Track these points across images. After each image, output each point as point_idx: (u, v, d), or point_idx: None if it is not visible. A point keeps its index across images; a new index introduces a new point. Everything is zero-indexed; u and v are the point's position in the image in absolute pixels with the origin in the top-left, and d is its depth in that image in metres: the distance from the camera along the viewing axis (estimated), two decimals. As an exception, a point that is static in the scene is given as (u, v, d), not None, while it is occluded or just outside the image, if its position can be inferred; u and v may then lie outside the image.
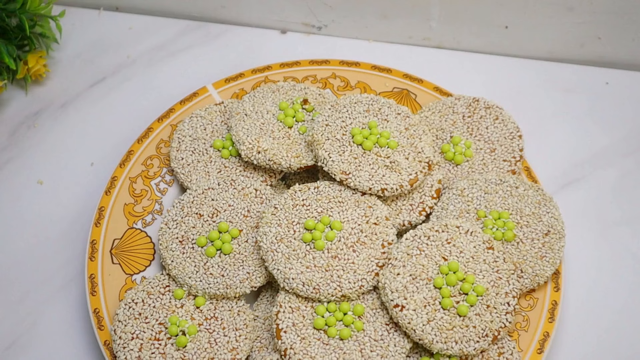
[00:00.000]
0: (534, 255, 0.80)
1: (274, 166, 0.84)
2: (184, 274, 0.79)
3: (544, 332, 0.78)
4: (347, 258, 0.78)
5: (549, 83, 1.01)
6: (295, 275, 0.77)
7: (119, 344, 0.76)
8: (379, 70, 0.95)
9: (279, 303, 0.77)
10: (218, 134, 0.89)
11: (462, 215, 0.82)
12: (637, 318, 0.83)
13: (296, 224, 0.80)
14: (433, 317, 0.75)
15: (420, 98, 0.93)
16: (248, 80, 0.95)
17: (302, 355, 0.74)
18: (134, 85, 1.01)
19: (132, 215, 0.85)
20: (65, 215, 0.90)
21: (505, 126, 0.89)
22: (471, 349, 0.74)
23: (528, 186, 0.84)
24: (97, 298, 0.80)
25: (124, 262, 0.83)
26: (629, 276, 0.86)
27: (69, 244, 0.88)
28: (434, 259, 0.77)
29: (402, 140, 0.85)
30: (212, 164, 0.87)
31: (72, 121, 0.98)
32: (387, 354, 0.74)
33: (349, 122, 0.85)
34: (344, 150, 0.83)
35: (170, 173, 0.89)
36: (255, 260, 0.80)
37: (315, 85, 0.95)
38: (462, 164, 0.87)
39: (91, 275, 0.81)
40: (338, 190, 0.82)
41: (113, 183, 0.87)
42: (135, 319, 0.78)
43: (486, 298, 0.76)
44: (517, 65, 1.02)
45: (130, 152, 0.89)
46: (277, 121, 0.88)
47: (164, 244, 0.81)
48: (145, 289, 0.80)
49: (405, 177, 0.82)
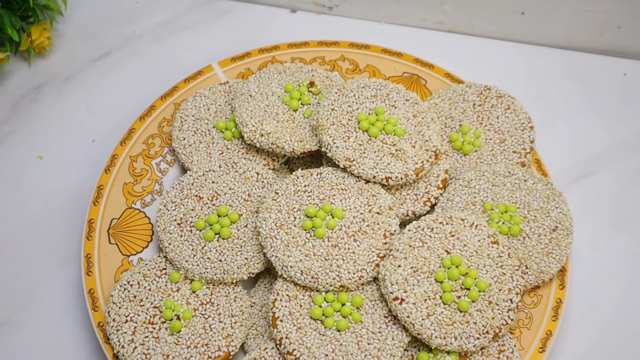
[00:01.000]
0: (540, 252, 0.78)
1: (276, 150, 0.82)
2: (181, 257, 0.78)
3: (546, 330, 0.76)
4: (348, 247, 0.76)
5: (565, 72, 0.98)
6: (294, 263, 0.75)
7: (113, 327, 0.75)
8: (389, 53, 0.93)
9: (276, 291, 0.75)
10: (222, 114, 0.87)
11: (467, 208, 0.80)
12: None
13: (297, 211, 0.78)
14: (433, 311, 0.73)
15: (430, 84, 0.91)
16: (255, 59, 0.93)
17: (298, 345, 0.73)
18: (139, 61, 0.99)
19: (132, 195, 0.84)
20: (64, 192, 0.89)
21: (517, 116, 0.86)
22: (471, 345, 0.72)
23: (537, 179, 0.82)
24: (93, 278, 0.79)
25: (121, 242, 0.81)
26: (638, 276, 0.83)
27: (67, 222, 0.87)
28: (436, 252, 0.75)
29: (409, 127, 0.82)
30: (214, 145, 0.85)
31: (74, 96, 0.96)
32: (384, 347, 0.73)
33: (356, 107, 0.83)
34: (349, 136, 0.81)
35: (172, 153, 0.87)
36: (253, 246, 0.78)
37: (323, 67, 0.92)
38: (470, 154, 0.85)
39: (87, 255, 0.80)
40: (341, 177, 0.80)
41: (113, 161, 0.85)
42: (130, 301, 0.76)
43: (488, 294, 0.74)
44: (532, 53, 0.99)
45: (131, 130, 0.87)
46: (282, 103, 0.85)
47: (162, 226, 0.80)
48: (141, 271, 0.78)
49: (411, 165, 0.80)
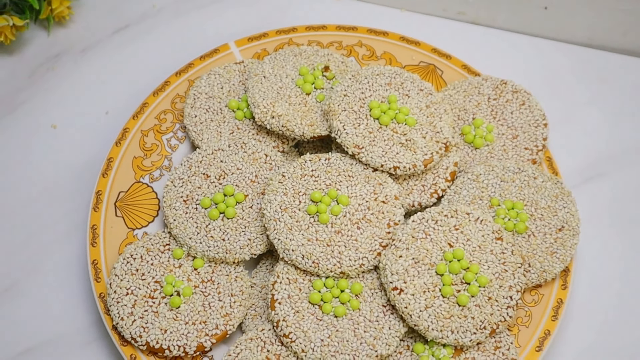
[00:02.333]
0: (544, 250, 0.77)
1: (286, 133, 0.82)
2: (185, 234, 0.78)
3: (545, 329, 0.76)
4: (351, 234, 0.76)
5: (585, 71, 0.96)
6: (296, 247, 0.75)
7: (113, 298, 0.76)
8: (407, 42, 0.92)
9: (276, 273, 0.76)
10: (235, 94, 0.87)
11: (474, 202, 0.80)
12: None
13: (302, 195, 0.78)
14: (431, 303, 0.73)
15: (446, 75, 0.90)
16: (271, 40, 0.92)
17: (294, 328, 0.73)
18: (157, 36, 0.99)
19: (140, 169, 0.84)
20: (74, 163, 0.90)
21: (531, 112, 0.85)
22: (467, 340, 0.72)
23: (547, 178, 0.81)
24: (97, 249, 0.80)
25: (128, 215, 0.82)
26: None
27: (76, 192, 0.88)
28: (439, 244, 0.75)
29: (421, 117, 0.82)
30: (225, 124, 0.85)
31: (91, 67, 0.97)
32: (380, 336, 0.73)
33: (369, 95, 0.82)
34: (359, 123, 0.80)
35: (183, 129, 0.87)
36: (257, 227, 0.78)
37: (339, 52, 0.92)
38: (481, 148, 0.84)
39: (93, 226, 0.81)
40: (349, 164, 0.80)
41: (124, 134, 0.86)
42: (132, 274, 0.77)
43: (489, 290, 0.73)
44: (553, 49, 0.98)
45: (144, 104, 0.88)
46: (296, 86, 0.85)
47: (168, 202, 0.80)
48: (145, 245, 0.79)
49: (420, 156, 0.79)
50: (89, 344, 0.80)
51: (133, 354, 0.75)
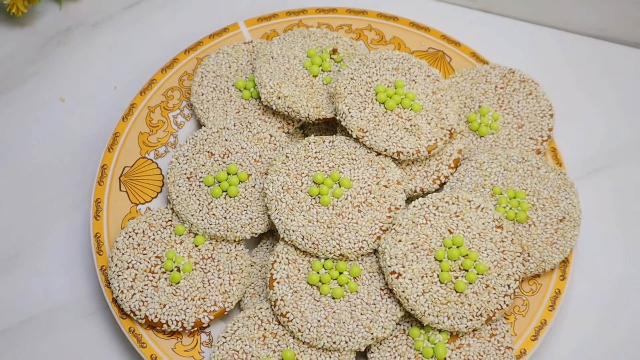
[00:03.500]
0: (544, 241, 0.77)
1: (292, 114, 0.82)
2: (187, 211, 0.79)
3: (541, 319, 0.76)
4: (351, 217, 0.76)
5: (594, 63, 0.96)
6: (296, 227, 0.76)
7: (114, 271, 0.77)
8: (417, 27, 0.92)
9: (276, 253, 0.76)
10: (242, 73, 0.87)
11: (476, 190, 0.80)
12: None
13: (305, 176, 0.78)
14: (429, 289, 0.73)
15: (455, 62, 0.90)
16: (281, 21, 0.92)
17: (292, 308, 0.74)
18: (168, 13, 0.99)
19: (146, 145, 0.85)
20: (81, 136, 0.91)
21: (538, 102, 0.85)
22: (463, 326, 0.72)
23: (550, 168, 0.81)
24: (100, 223, 0.80)
25: (132, 190, 0.82)
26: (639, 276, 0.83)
27: (82, 165, 0.89)
28: (439, 230, 0.75)
29: (427, 103, 0.82)
30: (232, 103, 0.85)
31: (101, 42, 0.97)
32: (377, 319, 0.73)
33: (375, 79, 0.82)
34: (365, 107, 0.80)
35: (190, 107, 0.88)
36: (259, 207, 0.79)
37: (348, 35, 0.92)
38: (486, 136, 0.84)
39: (97, 200, 0.81)
40: (353, 147, 0.80)
41: (131, 110, 0.86)
42: (133, 248, 0.78)
43: (486, 277, 0.74)
44: (563, 40, 0.97)
45: (152, 80, 0.88)
46: (303, 68, 0.85)
47: (172, 178, 0.81)
48: (147, 220, 0.79)
49: (424, 142, 0.80)
50: (89, 315, 0.81)
51: (132, 327, 0.75)
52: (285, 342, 0.73)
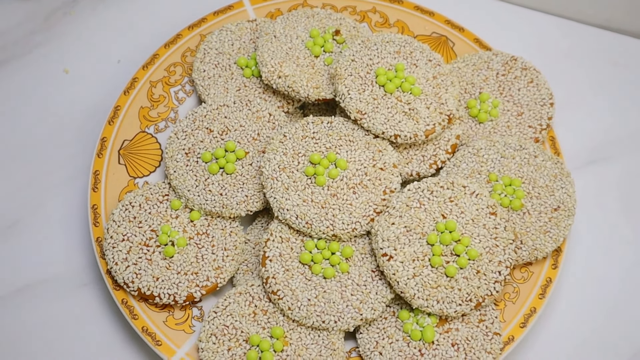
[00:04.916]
0: (537, 229, 0.77)
1: (292, 93, 0.83)
2: (184, 186, 0.79)
3: (531, 307, 0.76)
4: (346, 199, 0.77)
5: (598, 53, 0.95)
6: (291, 206, 0.76)
7: (109, 243, 0.78)
8: (421, 11, 0.91)
9: (270, 231, 0.77)
10: (244, 51, 0.87)
11: (472, 176, 0.80)
12: (631, 312, 0.80)
13: (302, 156, 0.78)
14: (419, 272, 0.73)
15: (457, 47, 0.90)
16: (286, 0, 0.92)
17: (283, 286, 0.74)
18: (175, -12, 1.00)
19: (146, 119, 0.85)
20: (83, 108, 0.91)
21: (539, 91, 0.85)
22: (452, 310, 0.73)
23: (547, 157, 0.81)
24: (98, 195, 0.81)
25: (130, 164, 0.83)
26: (634, 267, 0.83)
27: (83, 137, 0.89)
28: (432, 215, 0.75)
29: (427, 88, 0.82)
30: (233, 81, 0.86)
31: (107, 14, 0.98)
32: (367, 300, 0.74)
33: (376, 61, 0.82)
34: (364, 89, 0.81)
35: (191, 83, 0.88)
36: (255, 185, 0.79)
37: (353, 17, 0.91)
38: (485, 122, 0.84)
39: (96, 172, 0.82)
40: (351, 129, 0.80)
41: (133, 84, 0.87)
42: (129, 221, 0.79)
43: (478, 263, 0.74)
44: (569, 28, 0.97)
45: (155, 55, 0.88)
46: (305, 48, 0.85)
47: (170, 153, 0.81)
48: (144, 193, 0.80)
49: (422, 126, 0.80)
50: (84, 286, 0.82)
51: (125, 298, 0.76)
52: (275, 319, 0.74)
